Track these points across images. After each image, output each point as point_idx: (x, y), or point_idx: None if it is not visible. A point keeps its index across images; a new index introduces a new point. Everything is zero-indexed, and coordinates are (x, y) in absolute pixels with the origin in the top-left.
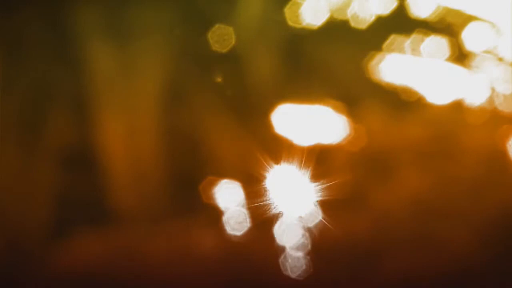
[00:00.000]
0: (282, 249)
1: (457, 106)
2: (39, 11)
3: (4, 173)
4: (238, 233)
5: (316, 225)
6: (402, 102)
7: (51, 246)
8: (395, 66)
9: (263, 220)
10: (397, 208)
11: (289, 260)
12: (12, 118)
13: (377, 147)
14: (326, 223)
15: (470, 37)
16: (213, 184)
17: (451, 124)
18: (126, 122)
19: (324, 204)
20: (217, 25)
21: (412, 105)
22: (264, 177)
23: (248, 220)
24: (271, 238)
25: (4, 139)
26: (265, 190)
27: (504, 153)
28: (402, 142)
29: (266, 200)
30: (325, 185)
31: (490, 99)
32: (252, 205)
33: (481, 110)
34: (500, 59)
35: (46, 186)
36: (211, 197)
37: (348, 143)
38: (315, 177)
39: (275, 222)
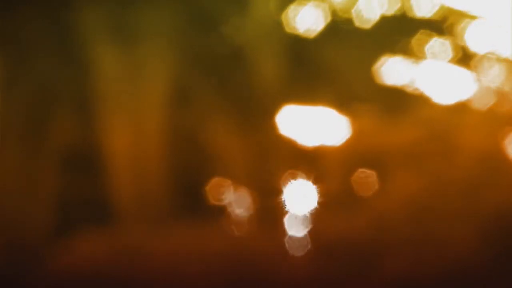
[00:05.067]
0: (284, 249)
1: (457, 107)
2: (43, 12)
3: (7, 173)
4: (241, 233)
5: (317, 225)
6: (403, 103)
7: (55, 245)
8: (397, 68)
9: (265, 220)
10: (396, 209)
11: (291, 259)
12: (15, 118)
13: (376, 148)
14: (326, 223)
15: (472, 38)
16: (216, 184)
17: (450, 125)
18: (130, 122)
19: (324, 205)
20: (222, 27)
21: (413, 107)
22: (268, 178)
23: (251, 220)
24: (274, 237)
25: (8, 139)
26: (268, 191)
27: (500, 153)
28: (402, 143)
29: (269, 201)
30: (326, 186)
31: (489, 100)
32: (255, 206)
33: (480, 110)
34: (502, 60)
35: (50, 186)
36: (214, 198)
37: (348, 144)
38: (316, 178)
39: (278, 222)
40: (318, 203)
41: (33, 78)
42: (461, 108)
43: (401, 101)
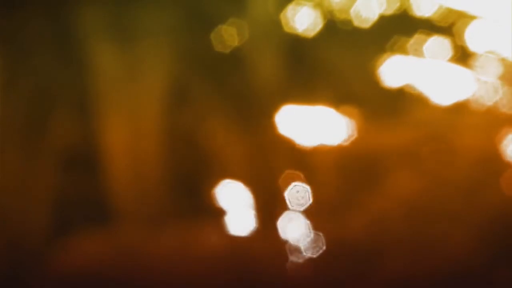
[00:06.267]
0: (284, 249)
1: (456, 107)
2: (43, 12)
3: (7, 173)
4: (241, 233)
5: (316, 225)
6: (402, 103)
7: (54, 245)
8: (396, 68)
9: (265, 220)
10: (395, 209)
11: (291, 260)
12: (15, 118)
13: (376, 148)
14: (326, 223)
15: (472, 38)
16: (216, 184)
17: (449, 125)
18: (129, 122)
19: (324, 205)
20: (220, 27)
21: (412, 107)
22: (267, 178)
23: (250, 220)
24: (274, 238)
25: (8, 140)
26: (267, 191)
27: (499, 153)
28: (401, 143)
29: (269, 201)
30: (325, 186)
31: (489, 100)
32: (255, 206)
33: (479, 111)
34: (502, 60)
35: (50, 186)
36: (214, 198)
37: (347, 144)
38: (315, 178)
39: (278, 223)
40: (318, 203)
41: (32, 78)
42: (461, 108)
43: (400, 100)
